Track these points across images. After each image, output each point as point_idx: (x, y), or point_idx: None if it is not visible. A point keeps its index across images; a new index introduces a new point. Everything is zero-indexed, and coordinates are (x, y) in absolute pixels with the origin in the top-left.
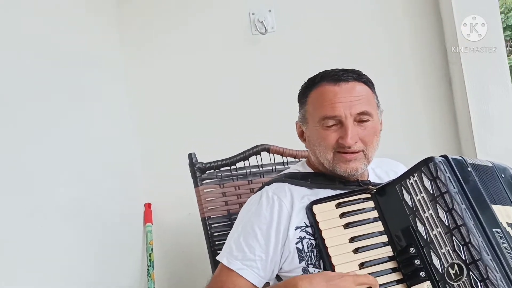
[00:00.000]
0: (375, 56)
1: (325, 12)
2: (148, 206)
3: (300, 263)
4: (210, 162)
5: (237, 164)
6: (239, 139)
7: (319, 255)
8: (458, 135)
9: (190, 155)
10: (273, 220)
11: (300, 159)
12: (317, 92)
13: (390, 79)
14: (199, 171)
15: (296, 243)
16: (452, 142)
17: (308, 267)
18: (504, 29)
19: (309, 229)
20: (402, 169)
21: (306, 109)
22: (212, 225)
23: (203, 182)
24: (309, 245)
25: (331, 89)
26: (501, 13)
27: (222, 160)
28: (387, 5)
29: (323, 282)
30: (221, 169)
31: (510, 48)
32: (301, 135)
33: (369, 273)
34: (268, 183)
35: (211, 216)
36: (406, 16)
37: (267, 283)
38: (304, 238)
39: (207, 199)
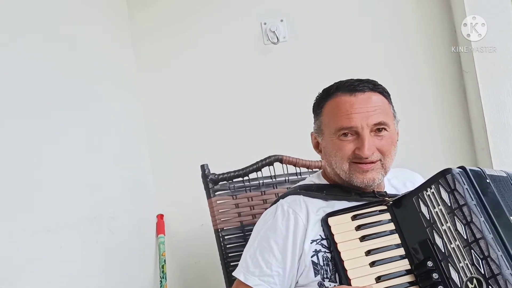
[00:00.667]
0: (388, 65)
1: (336, 21)
2: (160, 217)
3: (315, 276)
4: (223, 173)
5: (249, 175)
6: (251, 150)
7: (334, 268)
8: (473, 144)
9: (202, 167)
10: (289, 234)
11: (314, 169)
12: (333, 103)
13: (403, 88)
14: (211, 182)
15: (312, 256)
16: (468, 152)
17: (324, 281)
18: None
19: (324, 242)
20: (419, 180)
21: (322, 120)
22: (225, 237)
23: (215, 193)
24: (324, 258)
25: (347, 100)
26: None
27: (234, 171)
28: (399, 13)
29: None
30: (234, 180)
31: None
32: (317, 146)
33: (386, 287)
34: (283, 196)
35: (224, 228)
36: (418, 24)
37: None
38: (320, 251)
39: (220, 211)
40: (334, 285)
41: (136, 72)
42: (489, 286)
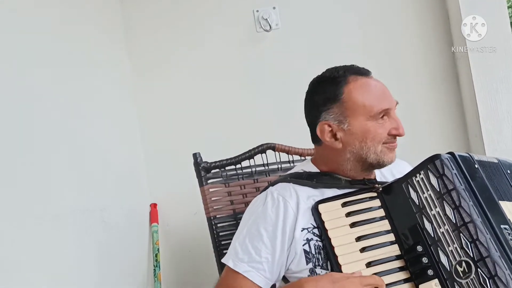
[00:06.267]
0: (381, 52)
1: (329, 9)
2: (154, 206)
3: (307, 264)
4: (215, 162)
5: (242, 163)
6: (244, 138)
7: (326, 256)
8: (466, 131)
9: (194, 155)
10: (278, 221)
11: (306, 157)
12: (357, 85)
13: (398, 75)
14: (204, 170)
15: (303, 245)
16: (461, 139)
17: (316, 268)
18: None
19: (316, 231)
20: (405, 167)
21: (346, 106)
22: (218, 225)
23: (208, 181)
24: (316, 247)
25: (369, 82)
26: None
27: (227, 159)
28: (393, 1)
29: (329, 283)
30: (226, 168)
31: None
32: (330, 135)
33: (376, 272)
34: (273, 184)
35: (217, 216)
36: (412, 11)
37: (273, 285)
38: (311, 239)
39: (212, 199)
40: (326, 272)
41: (128, 62)
42: (478, 269)
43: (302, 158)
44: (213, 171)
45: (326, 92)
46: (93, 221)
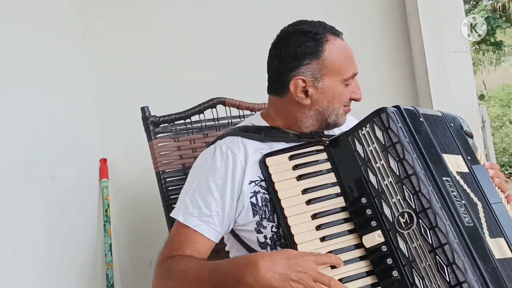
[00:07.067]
0: (331, 7)
1: None
2: (103, 161)
3: (254, 217)
4: (164, 116)
5: (192, 118)
6: (194, 92)
7: (273, 209)
8: (415, 88)
9: (142, 109)
10: (227, 174)
11: (257, 112)
12: (336, 46)
13: (347, 31)
14: (152, 124)
15: (250, 197)
16: (410, 95)
17: (262, 221)
18: None
19: (263, 183)
20: (353, 122)
21: (325, 64)
22: (167, 179)
23: (157, 136)
24: (263, 199)
25: (345, 45)
26: None
27: (176, 114)
28: None
29: (284, 260)
30: (176, 122)
31: (473, 2)
32: (302, 91)
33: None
34: (221, 137)
35: (166, 170)
36: None
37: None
38: (259, 192)
39: (161, 153)
40: (272, 225)
41: (78, 19)
42: (420, 220)
43: (253, 112)
44: (162, 125)
45: (308, 46)
46: (41, 175)
